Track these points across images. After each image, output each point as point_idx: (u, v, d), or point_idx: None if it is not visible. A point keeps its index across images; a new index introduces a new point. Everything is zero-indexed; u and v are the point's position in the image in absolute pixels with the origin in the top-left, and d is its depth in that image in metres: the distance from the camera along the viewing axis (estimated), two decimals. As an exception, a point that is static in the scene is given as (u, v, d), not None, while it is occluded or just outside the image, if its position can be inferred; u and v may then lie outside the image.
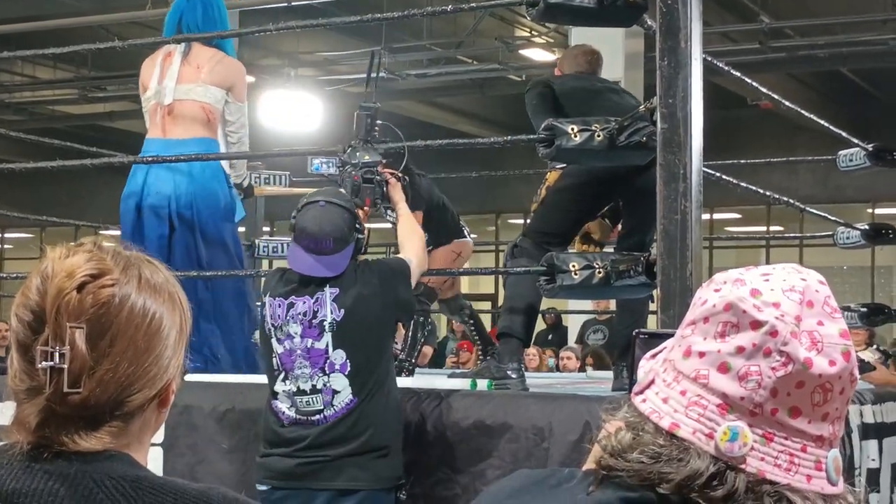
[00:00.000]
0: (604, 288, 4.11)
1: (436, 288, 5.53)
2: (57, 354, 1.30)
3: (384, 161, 4.15)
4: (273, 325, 3.88)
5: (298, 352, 3.80)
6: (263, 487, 3.82)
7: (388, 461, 3.78)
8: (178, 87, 5.13)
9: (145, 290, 1.37)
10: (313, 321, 3.80)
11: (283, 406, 3.84)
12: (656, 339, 1.34)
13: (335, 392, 3.76)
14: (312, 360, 3.78)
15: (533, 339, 7.13)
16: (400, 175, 4.25)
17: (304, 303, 3.83)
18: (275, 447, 3.84)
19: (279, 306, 3.87)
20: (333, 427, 3.76)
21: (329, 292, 3.81)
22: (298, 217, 3.88)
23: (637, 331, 1.38)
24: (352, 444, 3.74)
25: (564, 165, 4.60)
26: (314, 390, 3.77)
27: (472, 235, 5.91)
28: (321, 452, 3.75)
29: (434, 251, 5.30)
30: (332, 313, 3.78)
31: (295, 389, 3.80)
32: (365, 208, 4.11)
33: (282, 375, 3.85)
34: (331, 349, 3.78)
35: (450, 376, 4.85)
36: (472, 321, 5.97)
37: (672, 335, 1.26)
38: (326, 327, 3.78)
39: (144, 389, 1.36)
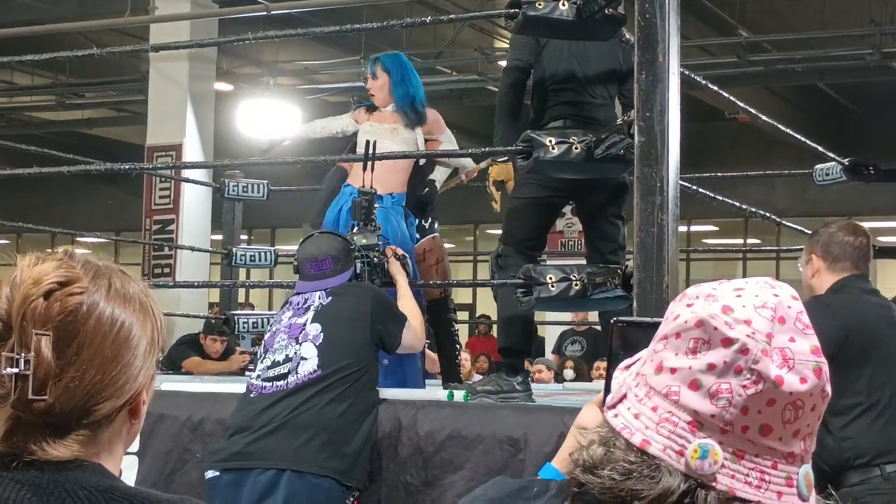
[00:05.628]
0: (581, 300, 4.12)
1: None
2: (22, 361, 1.29)
3: (381, 242, 4.45)
4: (272, 320, 4.21)
5: (282, 329, 4.00)
6: (211, 474, 3.81)
7: (342, 456, 3.73)
8: None
9: (115, 299, 1.36)
10: (303, 305, 4.04)
11: (254, 381, 3.96)
12: (635, 327, 1.33)
13: (302, 359, 3.87)
14: (290, 333, 3.97)
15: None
16: (399, 253, 4.49)
17: (300, 298, 4.10)
18: (232, 427, 3.85)
19: (281, 307, 4.19)
20: (292, 394, 3.80)
21: (324, 290, 4.06)
22: (298, 251, 4.20)
23: (615, 319, 1.36)
24: (306, 422, 3.73)
25: (506, 158, 4.60)
26: (286, 359, 3.90)
27: (450, 245, 5.94)
28: (272, 423, 3.74)
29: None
30: (319, 299, 4.03)
31: (270, 363, 3.93)
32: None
33: (263, 357, 4.00)
34: (309, 322, 3.96)
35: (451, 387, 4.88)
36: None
37: (652, 324, 1.25)
38: (312, 308, 4.01)
39: (112, 398, 1.35)
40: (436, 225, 5.81)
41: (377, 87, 5.44)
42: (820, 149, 5.90)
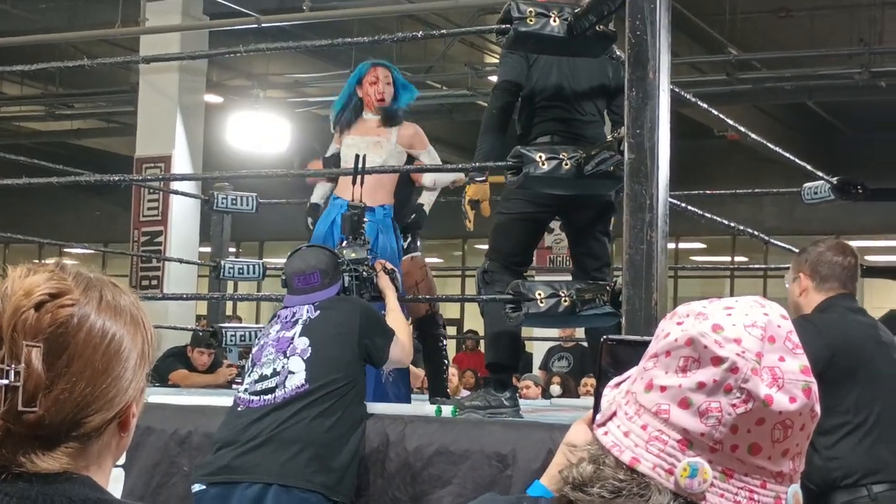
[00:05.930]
0: (569, 316, 4.12)
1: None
2: (12, 372, 1.29)
3: (370, 256, 4.45)
4: (259, 333, 4.20)
5: (270, 342, 3.99)
6: (198, 488, 3.79)
7: (330, 471, 3.73)
8: None
9: (105, 311, 1.36)
10: (291, 319, 4.03)
11: (241, 394, 3.95)
12: (625, 345, 1.32)
13: (290, 373, 3.86)
14: (278, 346, 3.96)
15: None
16: (389, 267, 4.48)
17: (289, 311, 4.09)
18: (220, 441, 3.84)
19: (269, 321, 4.18)
20: (280, 408, 3.79)
21: (312, 304, 4.06)
22: (286, 265, 4.19)
23: (605, 337, 1.36)
24: (294, 437, 3.72)
25: (483, 179, 4.59)
26: (274, 373, 3.89)
27: (438, 260, 5.93)
28: (259, 437, 3.73)
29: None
30: (307, 313, 4.02)
31: (258, 376, 3.92)
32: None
33: (250, 370, 3.99)
34: (297, 336, 3.95)
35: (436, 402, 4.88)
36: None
37: (642, 342, 1.25)
38: (300, 321, 4.00)
39: (102, 411, 1.34)
40: (417, 243, 5.70)
41: (389, 93, 5.40)
42: (808, 167, 5.91)
